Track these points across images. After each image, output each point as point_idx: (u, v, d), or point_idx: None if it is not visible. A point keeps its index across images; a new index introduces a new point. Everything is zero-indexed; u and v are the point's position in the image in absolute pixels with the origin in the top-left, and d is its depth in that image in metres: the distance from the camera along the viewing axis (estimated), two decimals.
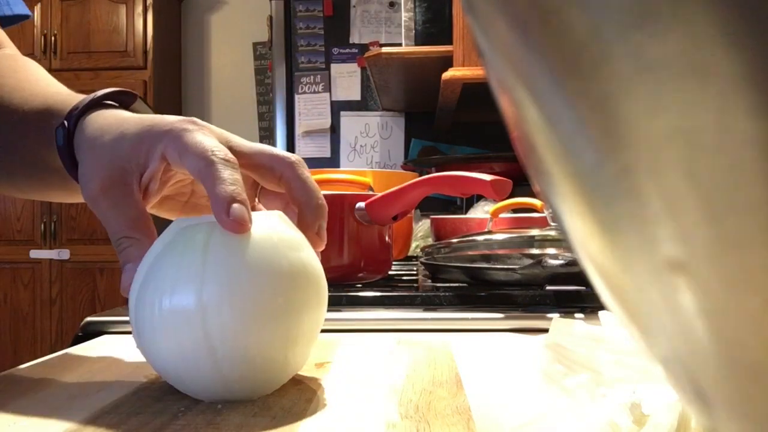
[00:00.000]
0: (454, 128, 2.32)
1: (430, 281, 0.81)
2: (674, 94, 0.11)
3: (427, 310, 0.63)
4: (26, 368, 0.45)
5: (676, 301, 0.13)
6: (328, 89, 2.58)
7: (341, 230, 0.74)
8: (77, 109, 0.46)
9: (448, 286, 0.75)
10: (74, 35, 3.51)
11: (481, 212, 1.18)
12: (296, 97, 2.59)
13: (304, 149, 2.58)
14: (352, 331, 0.59)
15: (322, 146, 2.59)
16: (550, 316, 0.59)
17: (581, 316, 0.58)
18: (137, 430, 0.32)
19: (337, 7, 2.57)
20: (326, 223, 0.44)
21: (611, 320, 0.31)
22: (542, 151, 0.15)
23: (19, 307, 3.28)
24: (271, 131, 2.81)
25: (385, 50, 1.74)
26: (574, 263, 0.65)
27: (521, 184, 0.81)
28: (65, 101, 0.48)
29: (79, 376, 0.42)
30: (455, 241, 0.84)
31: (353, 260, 0.75)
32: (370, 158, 2.58)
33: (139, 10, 3.49)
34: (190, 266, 0.35)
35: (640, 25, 0.11)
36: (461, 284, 0.75)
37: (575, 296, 0.63)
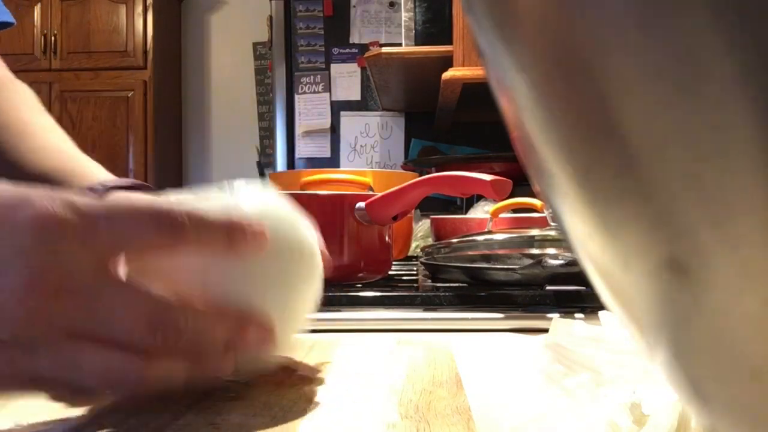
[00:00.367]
0: (454, 128, 2.32)
1: (430, 281, 0.81)
2: (674, 94, 0.11)
3: (427, 310, 0.63)
4: None
5: (675, 301, 0.13)
6: (328, 89, 2.58)
7: (341, 230, 0.74)
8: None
9: (448, 286, 0.75)
10: (74, 35, 3.52)
11: (481, 212, 1.18)
12: (296, 97, 2.59)
13: (304, 149, 2.58)
14: (352, 331, 0.58)
15: (322, 146, 2.59)
16: (550, 316, 0.59)
17: (581, 316, 0.58)
18: (137, 430, 0.32)
19: (337, 7, 2.57)
20: None
21: (611, 320, 0.31)
22: (542, 150, 0.15)
23: None
24: (271, 131, 2.81)
25: (385, 50, 1.74)
26: (574, 263, 0.65)
27: (521, 184, 0.81)
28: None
29: None
30: (455, 241, 0.84)
31: (353, 260, 0.75)
32: (370, 158, 2.58)
33: (139, 10, 3.49)
34: None
35: (639, 26, 0.11)
36: (461, 284, 0.75)
37: (575, 296, 0.63)
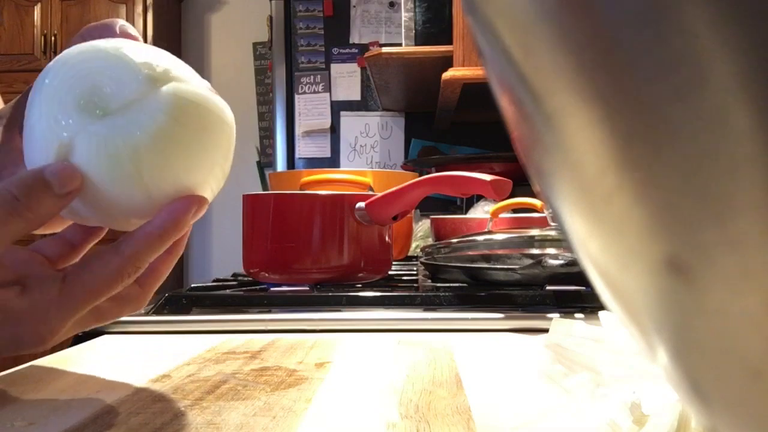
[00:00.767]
0: (454, 128, 2.33)
1: (430, 281, 0.81)
2: (674, 94, 0.11)
3: (427, 310, 0.63)
4: (26, 368, 0.45)
5: (675, 301, 0.13)
6: (328, 89, 2.58)
7: (341, 230, 0.74)
8: None
9: (448, 286, 0.75)
10: (74, 35, 3.52)
11: (481, 212, 1.18)
12: (296, 97, 2.59)
13: (304, 149, 2.58)
14: (352, 331, 0.58)
15: (322, 146, 2.59)
16: (550, 316, 0.59)
17: (581, 316, 0.58)
18: (137, 430, 0.32)
19: (337, 7, 2.57)
20: None
21: (611, 320, 0.31)
22: (543, 150, 0.15)
23: None
24: (271, 131, 2.81)
25: (385, 50, 1.74)
26: (574, 263, 0.65)
27: (521, 184, 0.81)
28: None
29: (78, 376, 0.42)
30: (455, 241, 0.84)
31: (353, 260, 0.75)
32: (370, 158, 2.58)
33: (139, 10, 3.49)
34: None
35: (641, 26, 0.11)
36: (461, 284, 0.75)
37: (575, 296, 0.63)
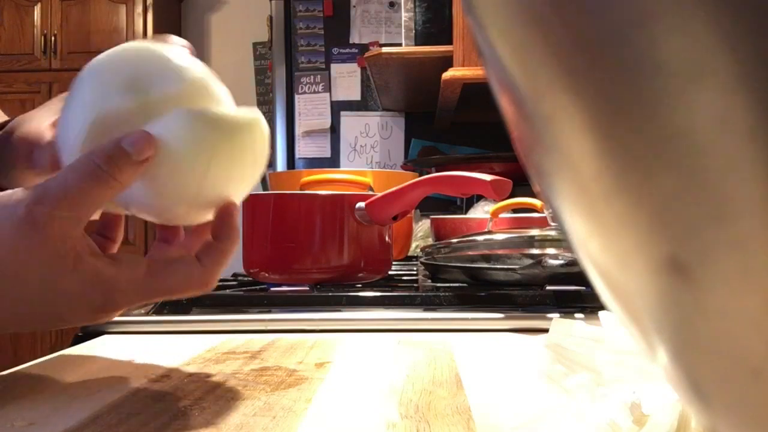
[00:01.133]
0: (454, 128, 2.32)
1: (430, 281, 0.81)
2: (674, 94, 0.11)
3: (427, 310, 0.63)
4: (26, 368, 0.45)
5: (675, 301, 0.13)
6: (328, 89, 2.58)
7: (341, 230, 0.74)
8: None
9: (448, 286, 0.75)
10: (74, 35, 3.51)
11: (481, 212, 1.18)
12: (296, 97, 2.58)
13: (304, 149, 2.58)
14: (352, 331, 0.58)
15: (322, 146, 2.59)
16: (550, 316, 0.59)
17: (581, 316, 0.58)
18: (137, 430, 0.32)
19: (337, 7, 2.57)
20: None
21: (611, 320, 0.31)
22: (542, 150, 0.15)
23: None
24: (271, 131, 2.80)
25: (385, 50, 1.74)
26: (574, 263, 0.65)
27: (521, 184, 0.81)
28: None
29: (79, 376, 0.42)
30: (455, 241, 0.84)
31: (353, 260, 0.75)
32: (370, 158, 2.57)
33: (139, 10, 3.49)
34: None
35: (642, 25, 0.11)
36: (461, 284, 0.75)
37: (575, 296, 0.63)
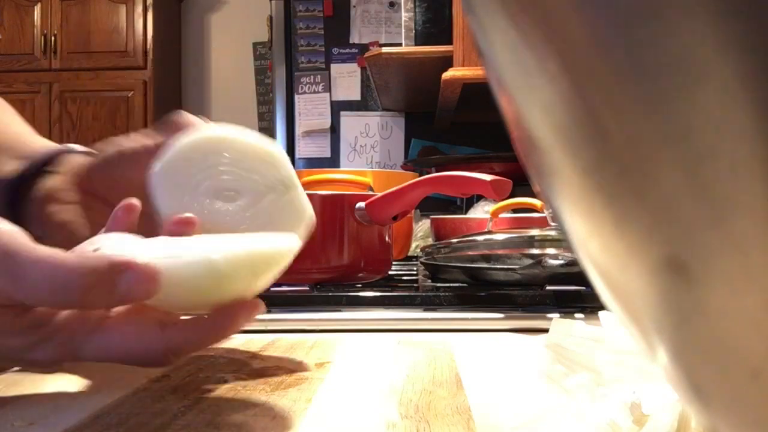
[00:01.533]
0: (454, 128, 2.32)
1: (430, 281, 0.81)
2: (674, 94, 0.11)
3: (427, 310, 0.63)
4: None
5: (675, 301, 0.13)
6: (328, 89, 2.58)
7: (341, 230, 0.74)
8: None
9: (448, 286, 0.75)
10: (74, 35, 3.52)
11: (481, 212, 1.18)
12: (296, 97, 2.59)
13: (304, 149, 2.58)
14: (352, 331, 0.58)
15: (322, 146, 2.59)
16: (550, 316, 0.59)
17: (581, 316, 0.58)
18: (137, 430, 0.32)
19: (337, 7, 2.57)
20: None
21: (611, 320, 0.31)
22: (543, 150, 0.15)
23: None
24: (271, 131, 2.81)
25: (385, 50, 1.74)
26: (574, 263, 0.65)
27: (521, 184, 0.81)
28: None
29: (79, 376, 0.42)
30: (455, 241, 0.84)
31: (353, 260, 0.75)
32: (370, 158, 2.58)
33: (139, 10, 3.49)
34: None
35: (640, 24, 0.11)
36: (461, 284, 0.75)
37: (575, 296, 0.63)
